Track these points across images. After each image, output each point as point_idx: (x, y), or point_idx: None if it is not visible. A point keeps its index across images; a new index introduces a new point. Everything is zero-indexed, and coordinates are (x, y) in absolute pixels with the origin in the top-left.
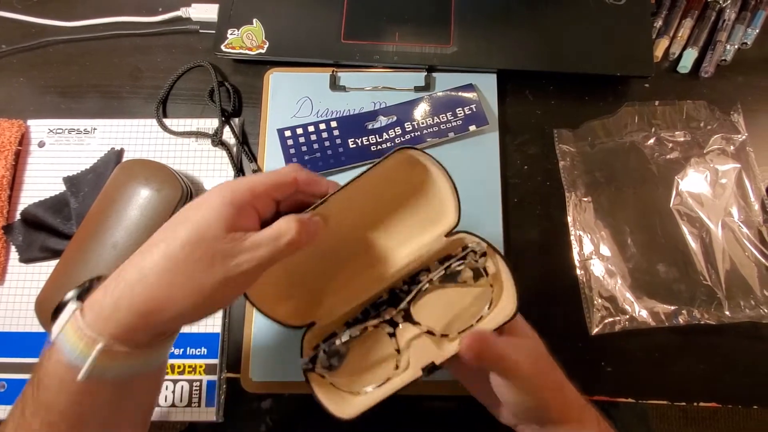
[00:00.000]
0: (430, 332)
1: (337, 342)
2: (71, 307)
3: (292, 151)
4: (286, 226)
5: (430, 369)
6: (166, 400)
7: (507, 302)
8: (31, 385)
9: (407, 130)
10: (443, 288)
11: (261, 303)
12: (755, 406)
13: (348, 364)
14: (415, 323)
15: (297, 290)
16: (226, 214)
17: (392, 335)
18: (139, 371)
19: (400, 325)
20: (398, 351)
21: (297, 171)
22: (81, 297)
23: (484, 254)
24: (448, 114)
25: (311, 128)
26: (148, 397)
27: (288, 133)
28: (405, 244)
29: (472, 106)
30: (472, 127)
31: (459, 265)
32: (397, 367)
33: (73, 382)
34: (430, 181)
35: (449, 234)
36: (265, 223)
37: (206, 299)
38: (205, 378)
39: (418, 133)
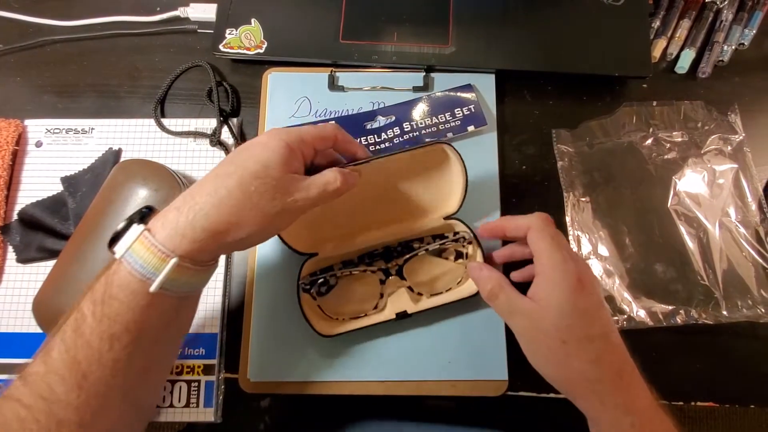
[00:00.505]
0: (410, 288)
1: (336, 275)
2: (137, 228)
3: None
4: (333, 176)
5: (402, 316)
6: (164, 401)
7: (472, 283)
8: (92, 303)
9: (406, 130)
10: (428, 257)
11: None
12: (752, 406)
13: (335, 295)
14: (402, 279)
15: (313, 227)
16: (285, 156)
17: (383, 282)
18: (193, 289)
19: (392, 277)
20: (381, 295)
21: (337, 130)
22: (143, 220)
23: (470, 242)
24: (446, 114)
25: None
26: (188, 321)
27: None
28: (410, 215)
29: (471, 106)
30: (471, 128)
31: (448, 244)
32: (376, 307)
33: (145, 294)
34: (448, 172)
35: (447, 218)
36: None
37: (267, 226)
38: (204, 378)
39: (417, 133)
